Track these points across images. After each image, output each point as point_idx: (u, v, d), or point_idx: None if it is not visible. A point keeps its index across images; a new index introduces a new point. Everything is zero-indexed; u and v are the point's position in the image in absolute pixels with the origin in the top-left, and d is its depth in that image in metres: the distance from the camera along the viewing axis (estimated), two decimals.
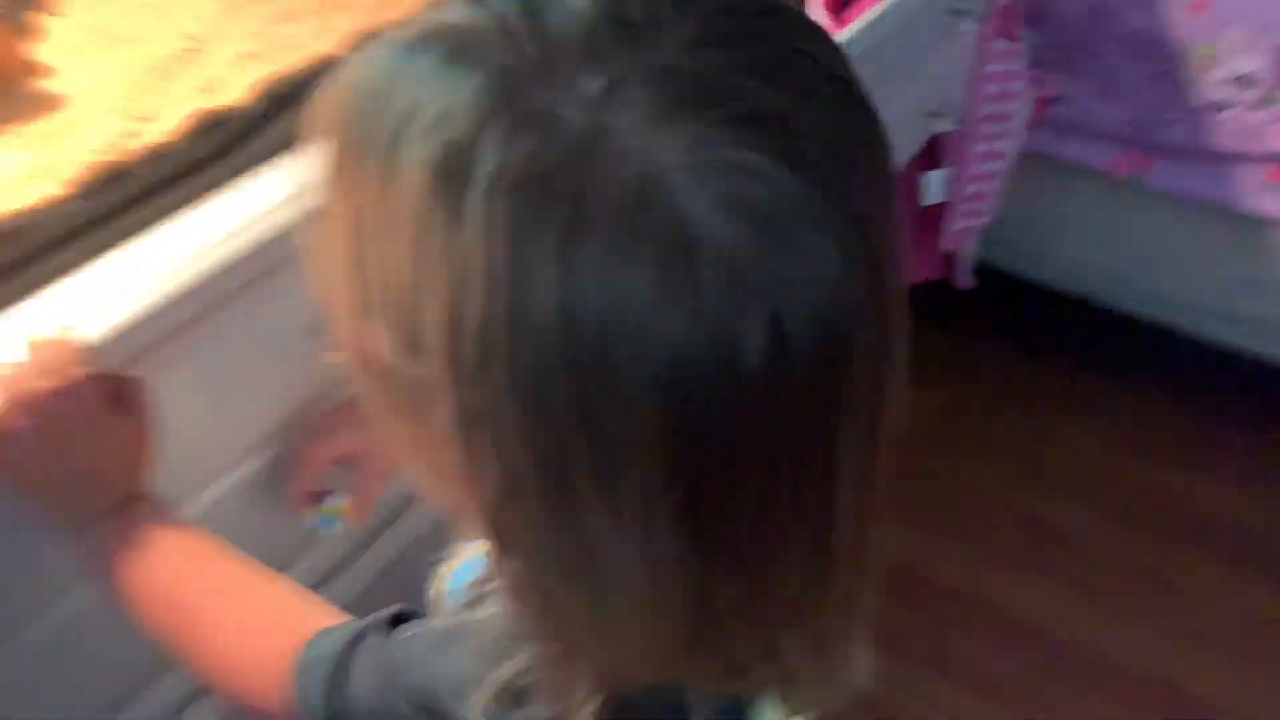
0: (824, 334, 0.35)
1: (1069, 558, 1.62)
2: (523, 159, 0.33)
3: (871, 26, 1.02)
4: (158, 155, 0.66)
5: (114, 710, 0.72)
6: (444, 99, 0.35)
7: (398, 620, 0.52)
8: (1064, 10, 1.48)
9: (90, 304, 0.60)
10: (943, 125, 1.26)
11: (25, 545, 0.61)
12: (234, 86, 0.71)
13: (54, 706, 0.68)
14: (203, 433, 0.68)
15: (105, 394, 0.58)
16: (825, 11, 1.03)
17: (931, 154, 1.40)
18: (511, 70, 0.35)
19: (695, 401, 0.34)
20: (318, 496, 0.75)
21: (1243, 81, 1.43)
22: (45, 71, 0.72)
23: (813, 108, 0.36)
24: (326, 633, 0.54)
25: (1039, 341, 1.91)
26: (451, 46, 0.36)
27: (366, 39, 0.72)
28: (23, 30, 0.74)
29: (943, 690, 1.47)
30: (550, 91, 0.34)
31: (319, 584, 0.81)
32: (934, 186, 1.39)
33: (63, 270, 0.62)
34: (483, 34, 0.36)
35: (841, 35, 1.00)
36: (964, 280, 1.58)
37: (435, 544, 0.56)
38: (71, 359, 0.57)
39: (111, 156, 0.64)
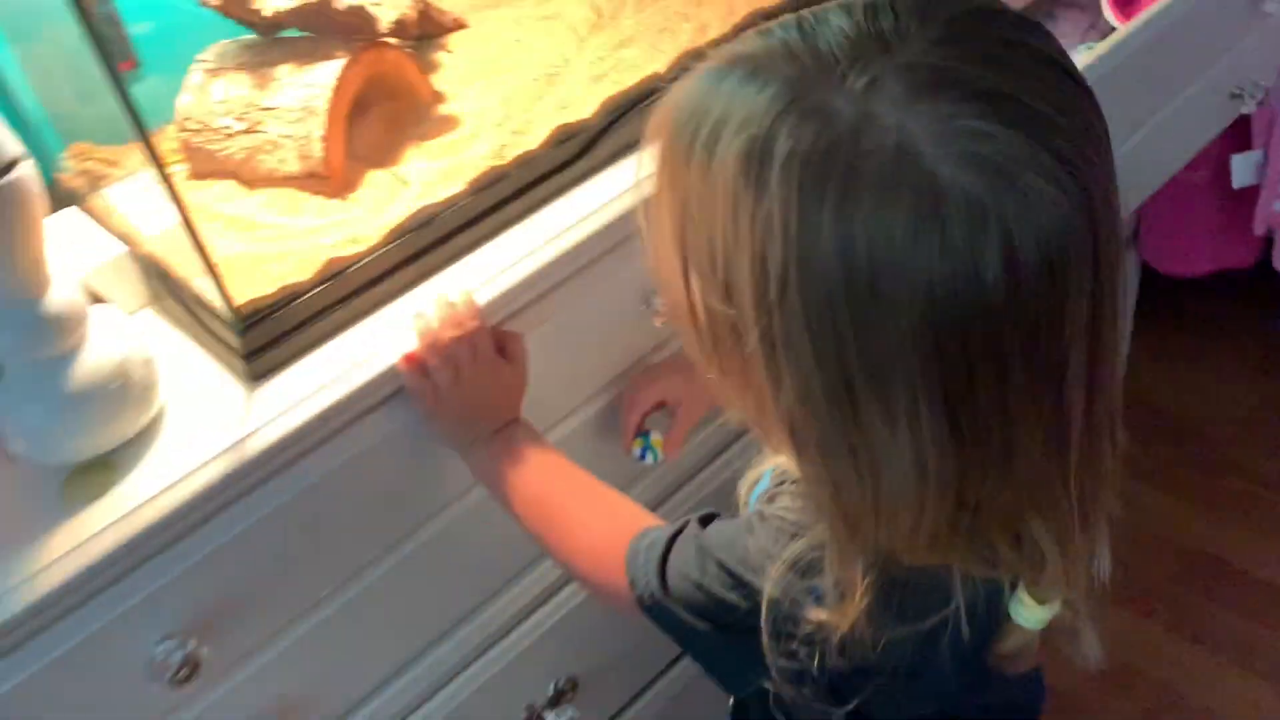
0: (1047, 258, 0.45)
1: None
2: (808, 142, 0.46)
3: (1162, 14, 1.05)
4: (527, 161, 0.84)
5: (475, 610, 0.90)
6: (747, 106, 0.48)
7: (709, 519, 0.66)
8: None
9: (482, 275, 0.79)
10: (1248, 106, 1.24)
11: (426, 462, 0.81)
12: (585, 104, 0.87)
13: (434, 596, 0.87)
14: (560, 378, 0.85)
15: (494, 343, 0.76)
16: (1111, 6, 1.08)
17: (1244, 136, 1.38)
18: (795, 80, 0.48)
19: (948, 317, 0.45)
20: (640, 433, 0.91)
21: None
22: (444, 98, 0.92)
23: (1030, 84, 0.46)
24: (652, 529, 0.69)
25: None
26: (749, 68, 0.49)
27: (688, 59, 0.88)
28: (427, 66, 0.95)
29: (1245, 683, 1.45)
30: (826, 92, 0.46)
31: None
32: (1244, 168, 1.37)
33: (463, 250, 0.81)
34: (772, 56, 0.49)
35: (1129, 25, 1.04)
36: None
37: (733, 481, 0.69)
38: (470, 315, 0.75)
39: (496, 163, 0.82)
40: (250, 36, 0.89)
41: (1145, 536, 1.60)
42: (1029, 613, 0.59)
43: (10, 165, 0.62)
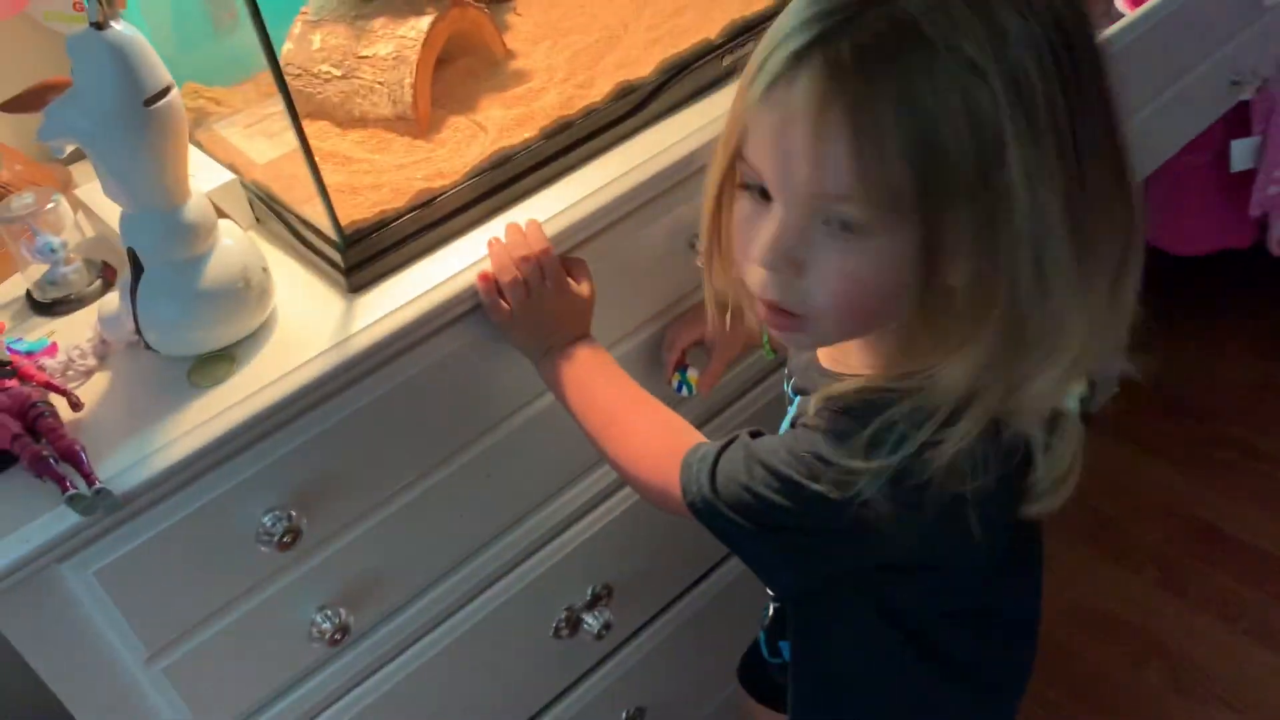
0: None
1: None
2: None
3: (1167, 2, 1.15)
4: (591, 112, 0.94)
5: (528, 513, 1.01)
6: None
7: (757, 434, 0.76)
8: None
9: (549, 211, 0.89)
10: (1246, 93, 1.34)
11: (500, 369, 0.91)
12: (643, 64, 0.97)
13: (496, 496, 0.98)
14: (611, 308, 0.96)
15: (562, 268, 0.86)
16: None
17: (1244, 122, 1.47)
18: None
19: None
20: (679, 367, 1.01)
21: None
22: (515, 54, 1.03)
23: None
24: (704, 443, 0.78)
25: None
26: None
27: (737, 26, 0.97)
28: (500, 26, 1.05)
29: (1229, 639, 1.55)
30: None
31: None
32: (1243, 153, 1.46)
33: (533, 189, 0.91)
34: None
35: (1136, 12, 1.14)
36: (1276, 248, 1.62)
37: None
38: (538, 241, 0.85)
39: (564, 113, 0.93)
40: None
41: (1143, 501, 1.69)
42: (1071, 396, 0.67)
43: (166, 90, 0.72)
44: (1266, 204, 1.52)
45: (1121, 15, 1.17)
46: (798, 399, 0.79)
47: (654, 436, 0.83)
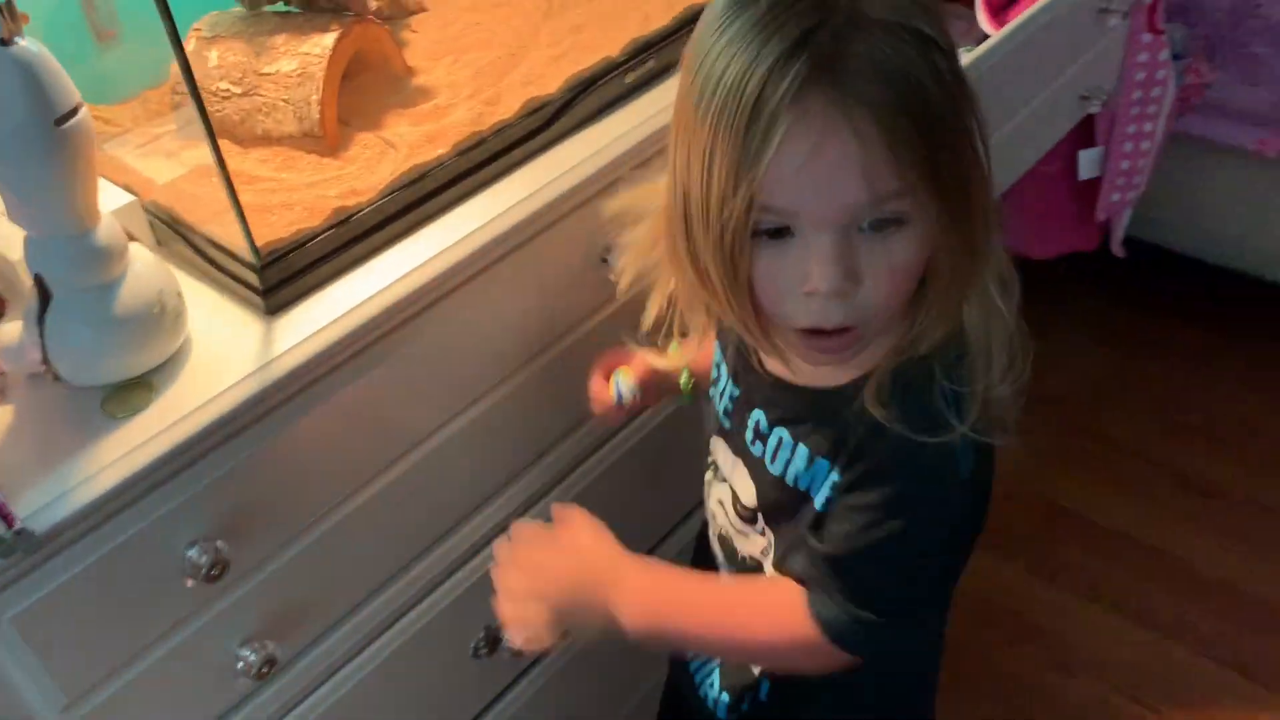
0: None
1: (1217, 505, 1.77)
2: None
3: (1027, 23, 1.23)
4: (502, 128, 0.94)
5: (453, 528, 1.00)
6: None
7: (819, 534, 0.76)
8: (1210, 6, 1.64)
9: (467, 228, 0.89)
10: (1094, 107, 1.44)
11: (421, 390, 0.90)
12: (549, 80, 0.98)
13: (420, 513, 0.96)
14: (535, 322, 0.96)
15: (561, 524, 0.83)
16: (986, 13, 1.25)
17: (1087, 134, 1.58)
18: None
19: None
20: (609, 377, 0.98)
21: None
22: (416, 72, 1.02)
23: None
24: (816, 592, 0.76)
25: (1188, 308, 2.05)
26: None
27: (636, 44, 0.99)
28: (398, 43, 1.04)
29: (1097, 616, 1.65)
30: None
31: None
32: (1089, 162, 1.57)
33: (448, 205, 0.91)
34: None
35: (1001, 32, 1.22)
36: (1118, 250, 1.74)
37: None
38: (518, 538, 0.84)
39: (476, 129, 0.93)
40: (238, 9, 0.97)
41: (1010, 491, 1.79)
42: None
43: (76, 109, 0.69)
44: (1110, 209, 1.64)
45: (986, 34, 1.25)
46: (778, 430, 0.79)
47: (759, 612, 0.80)
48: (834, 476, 0.75)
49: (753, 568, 0.86)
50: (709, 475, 0.91)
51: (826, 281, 0.65)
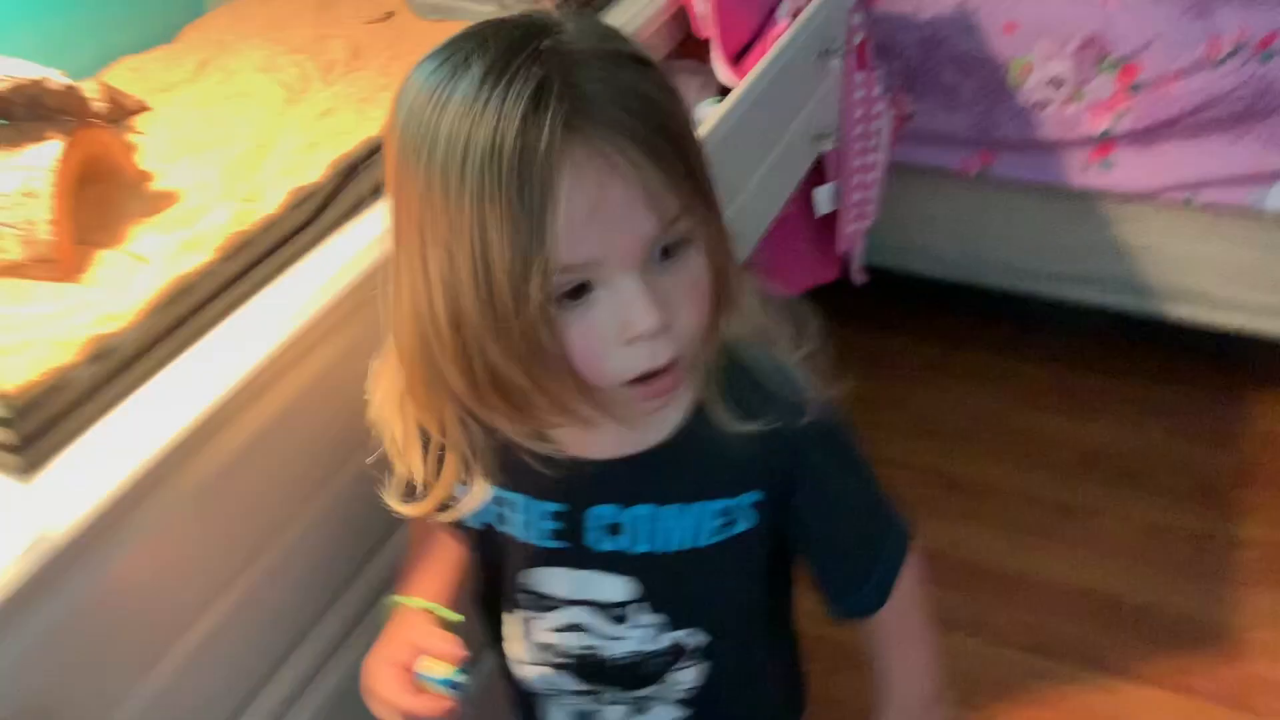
0: None
1: (983, 500, 1.88)
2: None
3: (762, 74, 1.26)
4: (269, 225, 0.85)
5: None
6: None
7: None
8: (902, 42, 1.77)
9: (245, 337, 0.80)
10: (826, 145, 1.51)
11: (220, 525, 0.79)
12: (310, 169, 0.91)
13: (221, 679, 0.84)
14: (335, 422, 0.87)
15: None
16: (727, 65, 1.28)
17: (820, 172, 1.66)
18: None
19: None
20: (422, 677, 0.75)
21: (1055, 82, 1.74)
22: (151, 176, 0.91)
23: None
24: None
25: (920, 324, 2.20)
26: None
27: None
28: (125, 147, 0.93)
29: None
30: None
31: None
32: (825, 198, 1.65)
33: (220, 316, 0.81)
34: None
35: (742, 83, 1.25)
36: (858, 277, 1.83)
37: None
38: None
39: (239, 228, 0.83)
40: None
41: None
42: None
43: None
44: (848, 240, 1.73)
45: (724, 87, 1.28)
46: (635, 510, 0.75)
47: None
48: (719, 504, 0.75)
49: (634, 665, 0.81)
50: (523, 617, 0.82)
51: (647, 321, 0.62)
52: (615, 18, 1.22)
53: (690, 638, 0.81)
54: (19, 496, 0.68)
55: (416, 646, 0.74)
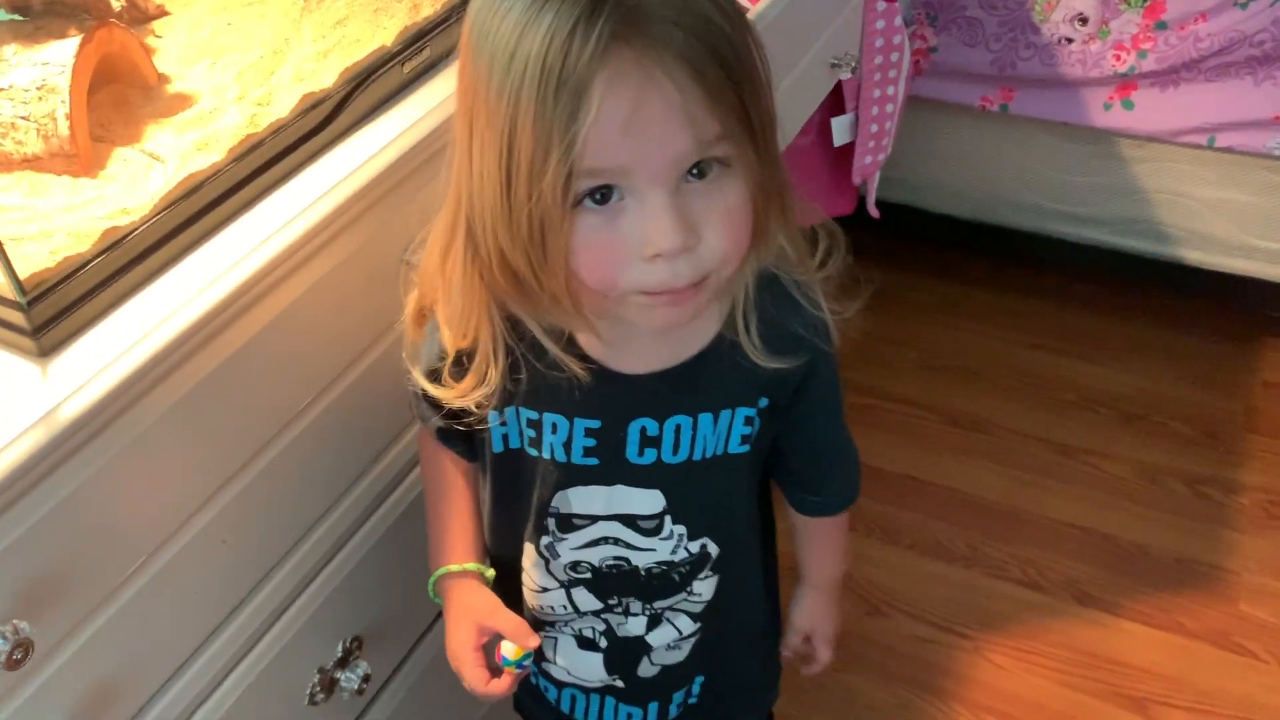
0: None
1: (986, 438, 1.91)
2: None
3: None
4: (280, 129, 0.87)
5: (263, 580, 0.92)
6: None
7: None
8: None
9: (255, 238, 0.82)
10: (844, 73, 1.51)
11: (224, 421, 0.82)
12: (322, 76, 0.92)
13: (229, 564, 0.88)
14: (340, 339, 0.90)
15: None
16: None
17: (838, 102, 1.66)
18: None
19: None
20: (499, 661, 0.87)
21: (1079, 18, 1.72)
22: (168, 78, 0.93)
23: None
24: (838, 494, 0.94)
25: (932, 261, 2.20)
26: None
27: (409, 33, 0.95)
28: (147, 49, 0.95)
29: (897, 558, 1.74)
30: None
31: None
32: (842, 129, 1.65)
33: (231, 215, 0.83)
34: None
35: (757, 7, 1.25)
36: (873, 210, 1.84)
37: None
38: None
39: (251, 130, 0.85)
40: None
41: None
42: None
43: None
44: (863, 172, 1.73)
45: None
46: (672, 421, 0.79)
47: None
48: (744, 412, 0.80)
49: (659, 574, 0.85)
50: (548, 541, 0.86)
51: (668, 240, 0.64)
52: None
53: (708, 549, 0.85)
54: (34, 377, 0.71)
55: (486, 628, 0.86)
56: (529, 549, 0.87)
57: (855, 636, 1.63)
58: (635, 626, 0.89)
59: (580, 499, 0.82)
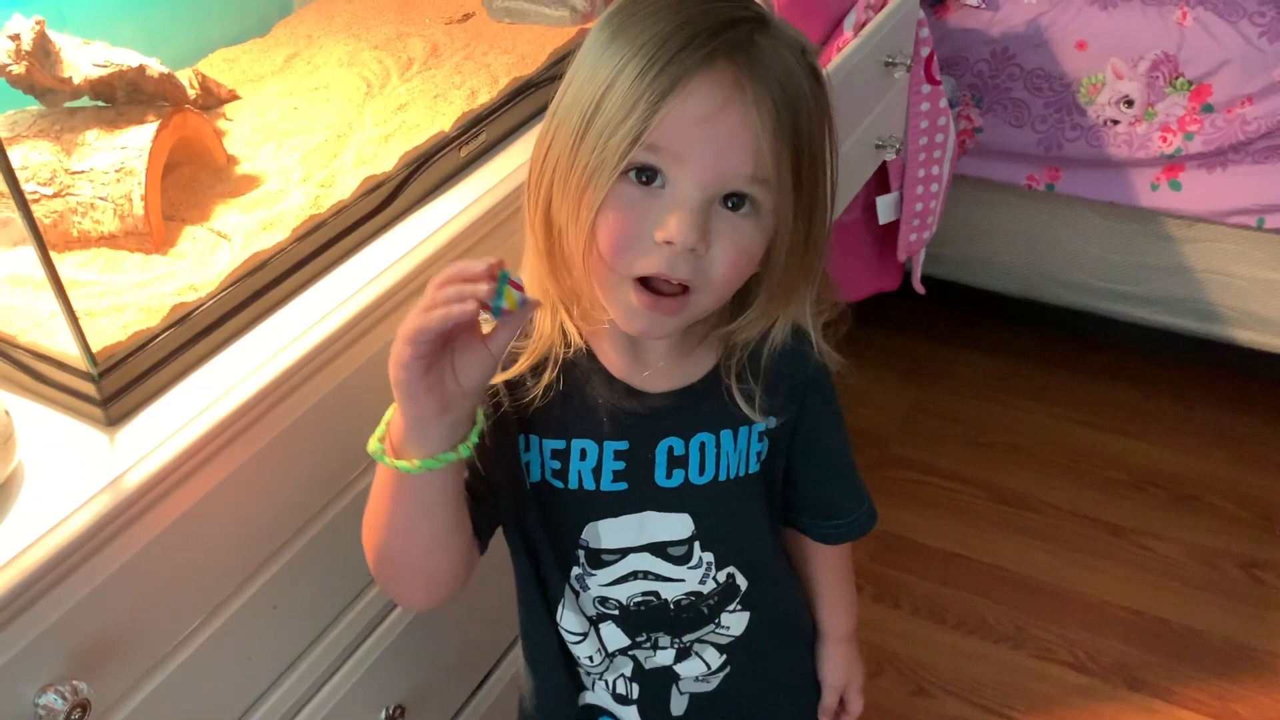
0: None
1: (1034, 516, 1.89)
2: None
3: (830, 76, 1.30)
4: (340, 210, 0.91)
5: (314, 641, 0.94)
6: None
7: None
8: (973, 56, 1.78)
9: (315, 314, 0.85)
10: (888, 155, 1.54)
11: (277, 487, 0.85)
12: (383, 159, 0.96)
13: (285, 629, 0.90)
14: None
15: None
16: None
17: (883, 181, 1.69)
18: None
19: None
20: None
21: (1125, 101, 1.74)
22: (238, 160, 0.98)
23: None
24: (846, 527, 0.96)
25: (986, 339, 2.20)
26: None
27: (467, 120, 0.99)
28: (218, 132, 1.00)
29: (943, 636, 1.72)
30: None
31: None
32: (887, 207, 1.67)
33: (292, 293, 0.87)
34: None
35: None
36: (918, 286, 1.85)
37: None
38: None
39: (315, 211, 0.90)
40: (37, 107, 0.90)
41: None
42: None
43: None
44: (909, 249, 1.75)
45: None
46: (696, 439, 0.81)
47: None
48: (758, 428, 0.83)
49: (688, 607, 0.85)
50: (578, 576, 0.85)
51: (683, 234, 0.68)
52: None
53: (735, 580, 0.87)
54: (103, 446, 0.75)
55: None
56: (563, 593, 0.87)
57: (899, 717, 1.61)
58: (664, 658, 0.89)
59: (610, 532, 0.83)
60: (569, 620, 0.88)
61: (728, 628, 0.89)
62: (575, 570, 0.85)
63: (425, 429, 0.68)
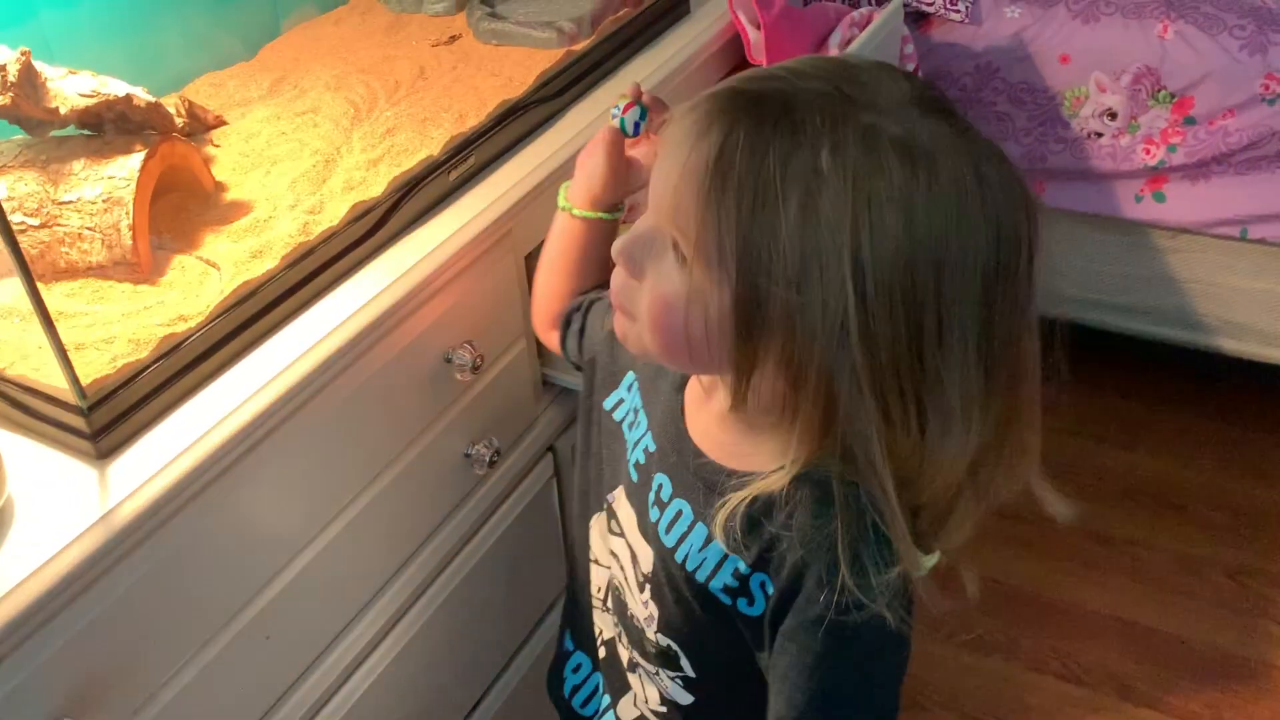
0: None
1: (1024, 526, 1.87)
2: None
3: None
4: (330, 236, 0.91)
5: (314, 665, 0.94)
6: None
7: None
8: (957, 70, 1.79)
9: (307, 341, 0.85)
10: None
11: (280, 509, 0.85)
12: (371, 185, 0.96)
13: (279, 658, 0.90)
14: (383, 434, 0.92)
15: None
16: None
17: None
18: None
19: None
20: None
21: (1109, 114, 1.75)
22: (226, 186, 0.98)
23: None
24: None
25: None
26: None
27: (456, 143, 0.99)
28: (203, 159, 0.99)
29: (933, 645, 1.72)
30: None
31: None
32: None
33: (283, 320, 0.87)
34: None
35: None
36: None
37: None
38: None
39: (304, 239, 0.89)
40: (23, 137, 0.90)
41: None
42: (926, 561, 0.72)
43: None
44: None
45: None
46: (677, 502, 0.75)
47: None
48: (739, 565, 0.71)
49: (637, 630, 0.82)
50: (600, 524, 0.86)
51: (618, 247, 0.69)
52: (670, 44, 1.27)
53: (680, 662, 0.79)
54: (92, 480, 0.74)
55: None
56: (596, 519, 0.87)
57: None
58: (624, 656, 0.87)
59: (620, 505, 0.82)
60: (595, 539, 0.88)
61: (668, 690, 0.82)
62: (601, 516, 0.86)
63: (590, 182, 0.88)
